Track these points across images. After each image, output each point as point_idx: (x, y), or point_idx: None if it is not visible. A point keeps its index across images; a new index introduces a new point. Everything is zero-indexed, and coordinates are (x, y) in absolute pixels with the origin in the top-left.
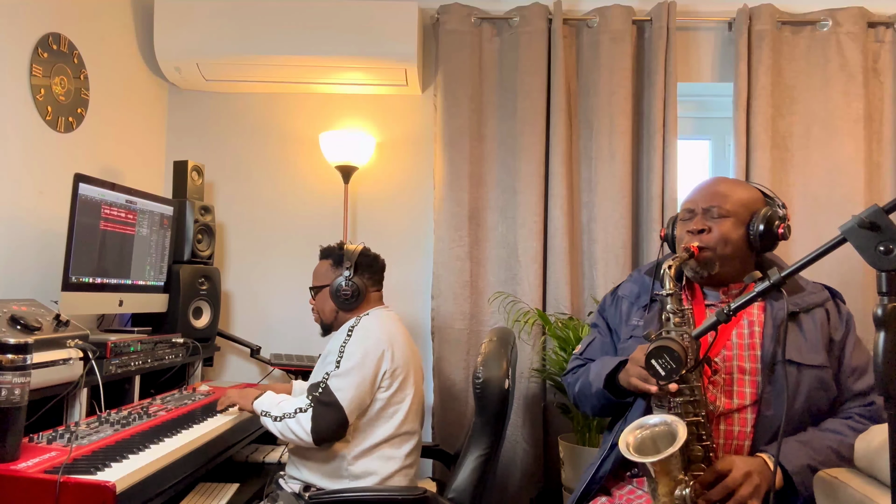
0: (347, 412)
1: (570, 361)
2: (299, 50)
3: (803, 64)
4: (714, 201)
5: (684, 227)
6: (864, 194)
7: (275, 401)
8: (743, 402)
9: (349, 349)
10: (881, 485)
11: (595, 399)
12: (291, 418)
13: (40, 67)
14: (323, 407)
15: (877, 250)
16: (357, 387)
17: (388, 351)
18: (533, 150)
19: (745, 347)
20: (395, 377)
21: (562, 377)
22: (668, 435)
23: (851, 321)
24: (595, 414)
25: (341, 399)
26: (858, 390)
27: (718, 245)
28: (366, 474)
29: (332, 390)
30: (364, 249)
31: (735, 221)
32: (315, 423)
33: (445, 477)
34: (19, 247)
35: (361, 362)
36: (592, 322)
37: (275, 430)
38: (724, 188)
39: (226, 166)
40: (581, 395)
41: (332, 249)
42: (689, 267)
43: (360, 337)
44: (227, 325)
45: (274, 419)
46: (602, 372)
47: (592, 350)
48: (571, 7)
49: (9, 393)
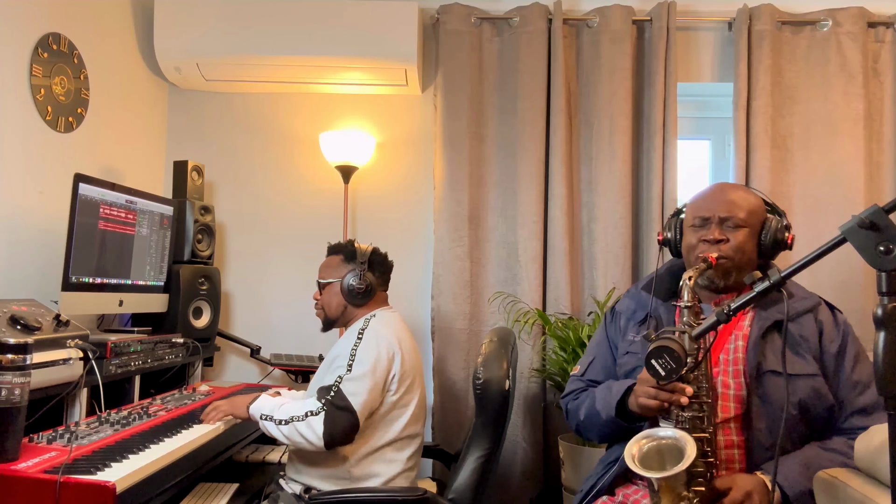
0: (360, 416)
1: (569, 383)
2: (299, 50)
3: (803, 64)
4: (731, 211)
5: (697, 235)
6: (864, 194)
7: (275, 404)
8: (727, 415)
9: (361, 352)
10: (881, 485)
11: (605, 428)
12: (301, 421)
13: (40, 67)
14: (337, 411)
15: (877, 250)
16: (370, 391)
17: (398, 355)
18: (533, 150)
19: (730, 363)
20: (403, 381)
21: (561, 399)
22: (674, 450)
23: (849, 332)
24: (602, 440)
25: (355, 403)
26: (862, 405)
27: (737, 255)
28: (367, 477)
29: (346, 394)
30: (375, 248)
31: (750, 231)
32: (328, 426)
33: (445, 477)
34: (19, 247)
35: (374, 366)
36: (595, 340)
37: (279, 434)
38: (736, 197)
39: (226, 166)
40: (587, 422)
41: (342, 245)
42: (707, 277)
43: (372, 340)
44: (227, 325)
45: (279, 423)
46: (611, 400)
47: (593, 371)
48: (571, 7)
49: (9, 393)
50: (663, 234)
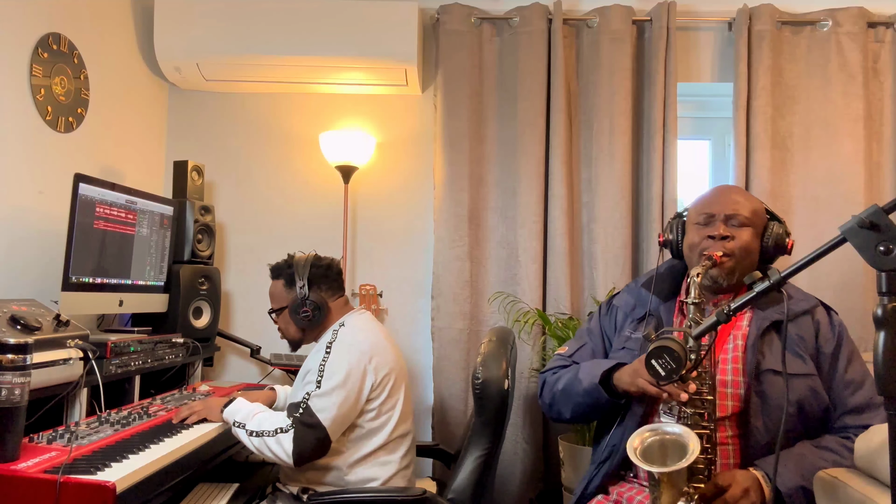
0: (330, 432)
1: (552, 360)
2: (299, 50)
3: (803, 64)
4: (736, 209)
5: (702, 232)
6: (864, 194)
7: (249, 411)
8: (725, 413)
9: (330, 367)
10: (881, 485)
11: (580, 397)
12: (271, 437)
13: (40, 67)
14: (305, 428)
15: (877, 250)
16: (339, 406)
17: (370, 364)
18: (533, 150)
19: (729, 361)
20: (384, 385)
21: (540, 373)
22: (677, 445)
23: (844, 333)
24: (572, 417)
25: (324, 420)
26: (854, 405)
27: (741, 253)
28: (363, 481)
29: (315, 411)
30: (314, 259)
31: (753, 231)
32: (297, 444)
33: (445, 476)
34: (19, 247)
35: (344, 381)
36: (586, 328)
37: (249, 444)
38: (740, 197)
39: (226, 166)
40: (564, 393)
41: (280, 268)
42: (711, 276)
43: (341, 353)
44: (227, 325)
45: (250, 434)
46: (596, 371)
47: (581, 356)
48: (571, 7)
49: (9, 393)
50: (664, 235)
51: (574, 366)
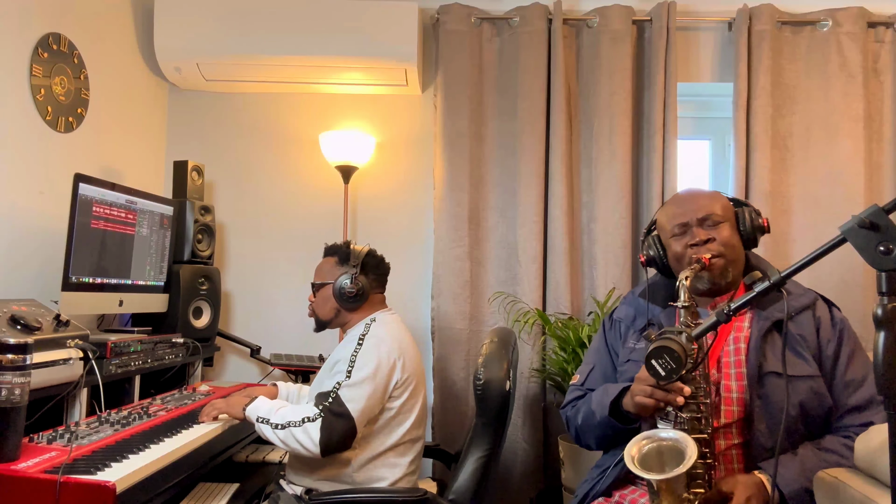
0: (357, 423)
1: (568, 392)
2: (299, 50)
3: (803, 64)
4: (707, 209)
5: (682, 243)
6: (864, 194)
7: (272, 407)
8: (730, 419)
9: (361, 358)
10: (881, 485)
11: (599, 429)
12: (297, 427)
13: (40, 67)
14: (334, 417)
15: (877, 250)
16: (368, 398)
17: (399, 360)
18: (533, 150)
19: (731, 365)
20: (407, 386)
21: (560, 409)
22: (674, 451)
23: (845, 330)
24: (599, 446)
25: (353, 410)
26: (854, 404)
27: (727, 250)
28: (370, 482)
29: (344, 401)
30: (371, 250)
31: (730, 225)
32: (325, 433)
33: (446, 477)
34: (19, 247)
35: (374, 373)
36: (592, 348)
37: (274, 439)
38: (705, 199)
39: (226, 166)
40: (584, 426)
41: (338, 247)
42: (704, 279)
43: (372, 346)
44: (227, 325)
45: (275, 427)
46: (605, 400)
47: (593, 380)
48: (571, 7)
49: (9, 393)
50: (644, 254)
51: (589, 395)
